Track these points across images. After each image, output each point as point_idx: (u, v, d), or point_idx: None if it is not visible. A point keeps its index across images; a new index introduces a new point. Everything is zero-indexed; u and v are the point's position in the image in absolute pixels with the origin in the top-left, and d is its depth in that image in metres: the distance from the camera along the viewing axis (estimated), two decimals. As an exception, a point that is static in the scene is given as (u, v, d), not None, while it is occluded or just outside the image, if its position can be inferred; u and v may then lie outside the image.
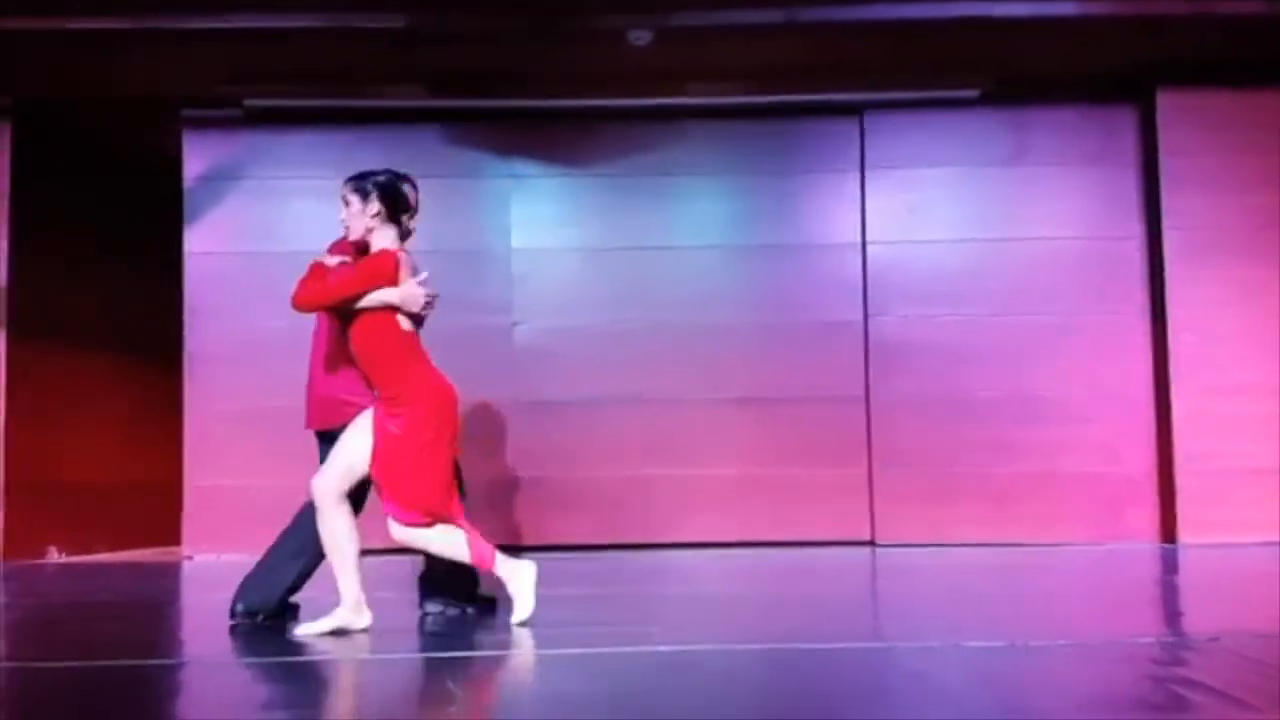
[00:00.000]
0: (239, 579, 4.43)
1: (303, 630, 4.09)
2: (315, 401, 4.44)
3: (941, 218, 7.60)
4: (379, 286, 4.03)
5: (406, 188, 4.26)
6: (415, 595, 4.56)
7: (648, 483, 7.43)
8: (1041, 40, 6.86)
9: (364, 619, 4.08)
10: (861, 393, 7.49)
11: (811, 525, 7.35)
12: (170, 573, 6.84)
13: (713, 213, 7.73)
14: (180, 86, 7.32)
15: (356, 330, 4.09)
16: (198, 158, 7.61)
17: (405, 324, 4.10)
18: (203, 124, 7.61)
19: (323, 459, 4.28)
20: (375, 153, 7.60)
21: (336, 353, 4.28)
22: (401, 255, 4.12)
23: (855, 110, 7.62)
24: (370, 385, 4.14)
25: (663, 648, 3.67)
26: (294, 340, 7.34)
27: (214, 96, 7.35)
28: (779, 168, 7.70)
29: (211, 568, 6.96)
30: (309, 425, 4.46)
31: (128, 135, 8.09)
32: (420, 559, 4.47)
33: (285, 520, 7.48)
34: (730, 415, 7.45)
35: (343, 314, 4.13)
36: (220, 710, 3.10)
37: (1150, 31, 6.74)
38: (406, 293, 4.05)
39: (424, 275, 4.13)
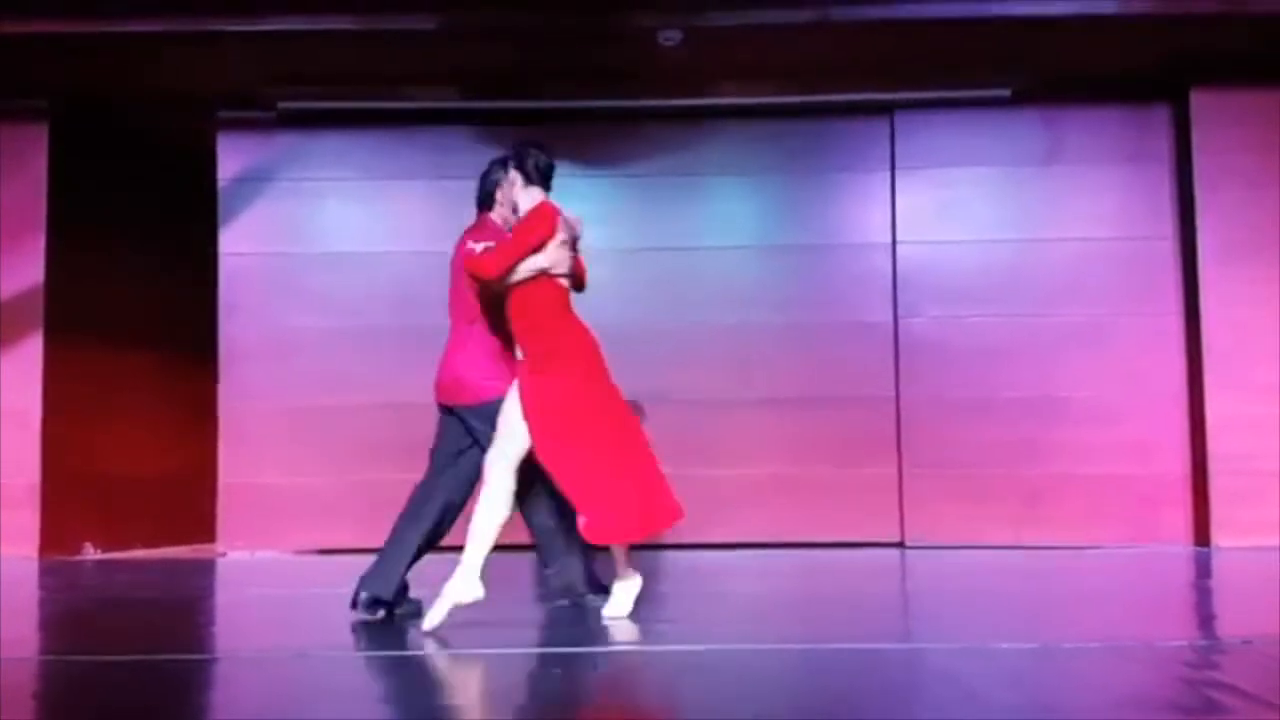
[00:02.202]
0: (271, 576, 4.48)
1: (426, 625, 4.04)
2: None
3: (973, 217, 7.56)
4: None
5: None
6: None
7: (677, 482, 7.35)
8: (1074, 39, 6.81)
9: (475, 591, 4.07)
10: (892, 393, 7.47)
11: (841, 526, 7.33)
12: (204, 569, 6.91)
13: (743, 212, 7.73)
14: (215, 88, 7.41)
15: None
16: (232, 159, 7.69)
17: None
18: (237, 125, 7.68)
19: (441, 429, 4.49)
20: (407, 154, 7.71)
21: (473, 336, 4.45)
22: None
23: (886, 109, 7.59)
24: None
25: (692, 646, 3.68)
26: (326, 339, 7.49)
27: (248, 98, 7.43)
28: (809, 167, 7.69)
29: (245, 564, 7.04)
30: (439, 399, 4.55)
31: (163, 136, 8.19)
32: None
33: (317, 517, 7.54)
34: (760, 415, 7.45)
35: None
36: (254, 704, 3.14)
37: (1184, 30, 6.69)
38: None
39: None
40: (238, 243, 7.64)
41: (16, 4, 6.28)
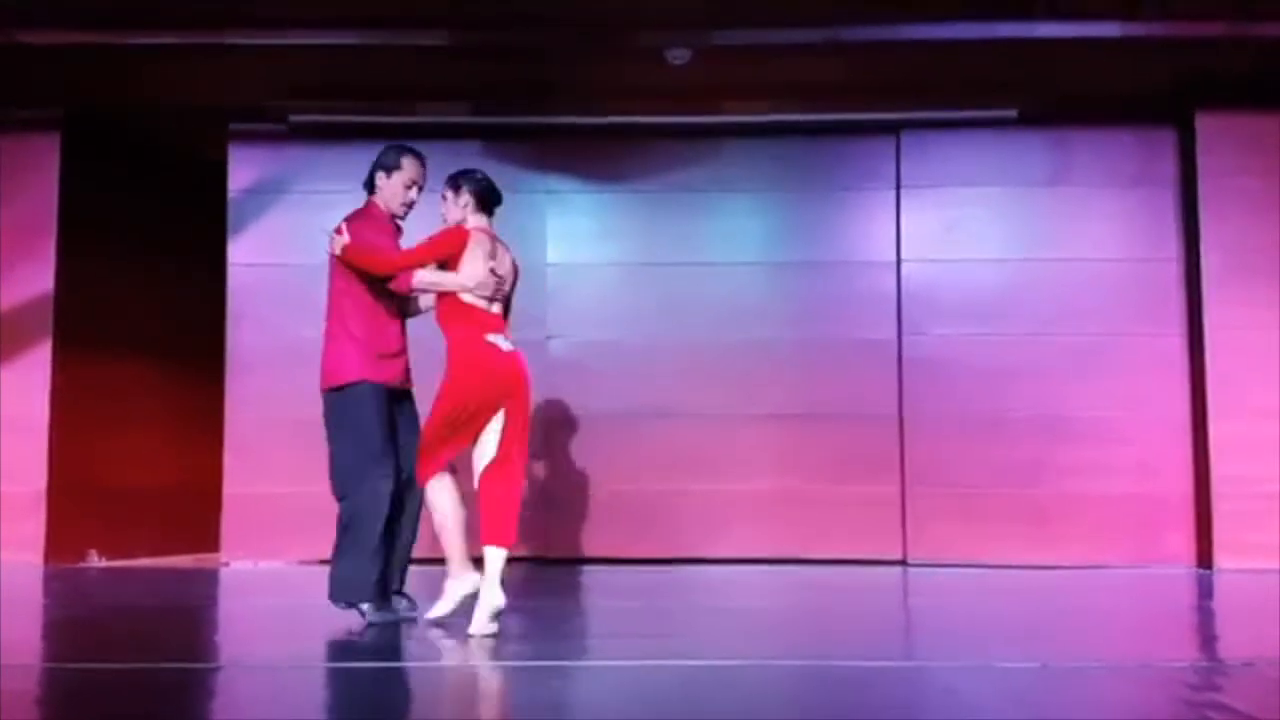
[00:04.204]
0: (274, 586, 4.50)
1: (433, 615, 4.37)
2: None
3: (978, 237, 7.58)
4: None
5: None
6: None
7: (680, 497, 7.46)
8: (1080, 61, 6.84)
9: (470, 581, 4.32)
10: (895, 411, 7.48)
11: (843, 543, 7.33)
12: (207, 579, 6.92)
13: (748, 229, 7.76)
14: (226, 100, 7.45)
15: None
16: (243, 170, 7.74)
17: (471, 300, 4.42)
18: (248, 137, 7.73)
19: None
20: (416, 167, 7.74)
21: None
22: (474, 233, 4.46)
23: (893, 129, 7.62)
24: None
25: (692, 661, 3.69)
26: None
27: (260, 110, 7.48)
28: (815, 185, 7.72)
29: (248, 574, 7.05)
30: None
31: (175, 145, 8.24)
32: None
33: (321, 527, 7.57)
34: (763, 431, 7.46)
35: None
36: (255, 713, 3.16)
37: (1189, 53, 6.72)
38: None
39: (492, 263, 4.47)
40: (247, 253, 7.68)
41: (30, 15, 6.33)
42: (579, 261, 7.67)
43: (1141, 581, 6.57)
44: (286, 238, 7.70)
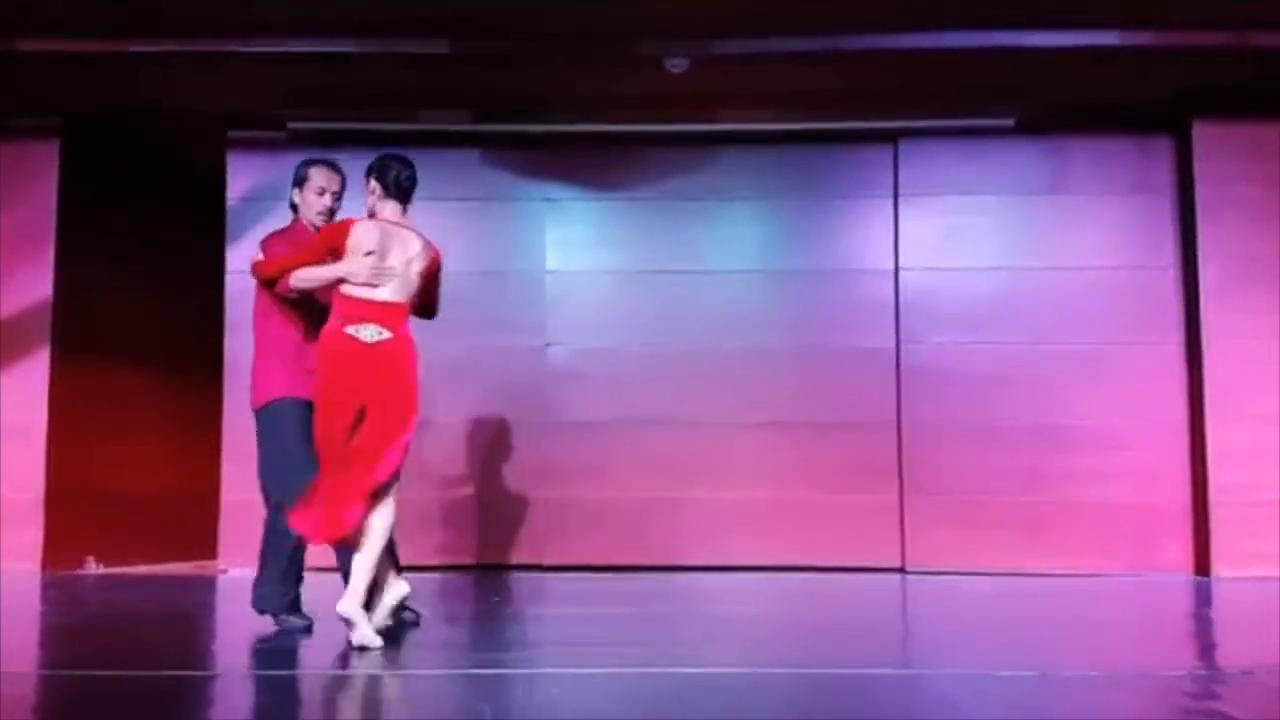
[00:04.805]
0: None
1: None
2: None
3: (976, 245, 7.60)
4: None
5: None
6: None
7: (678, 505, 7.46)
8: (1078, 70, 6.86)
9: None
10: (893, 418, 7.48)
11: (841, 550, 7.33)
12: (205, 586, 6.92)
13: (747, 237, 7.77)
14: (225, 108, 7.47)
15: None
16: (241, 178, 7.74)
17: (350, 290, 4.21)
18: (247, 145, 7.74)
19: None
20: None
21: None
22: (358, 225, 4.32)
23: (891, 137, 7.64)
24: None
25: (689, 669, 3.69)
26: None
27: (258, 118, 7.49)
28: (813, 193, 7.73)
29: (246, 582, 7.02)
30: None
31: (174, 152, 8.25)
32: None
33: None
34: (761, 439, 7.46)
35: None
36: (254, 721, 3.16)
37: (1187, 63, 6.73)
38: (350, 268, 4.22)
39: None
40: (245, 260, 7.61)
41: (29, 23, 6.35)
42: (577, 269, 7.68)
43: (1139, 589, 6.57)
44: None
